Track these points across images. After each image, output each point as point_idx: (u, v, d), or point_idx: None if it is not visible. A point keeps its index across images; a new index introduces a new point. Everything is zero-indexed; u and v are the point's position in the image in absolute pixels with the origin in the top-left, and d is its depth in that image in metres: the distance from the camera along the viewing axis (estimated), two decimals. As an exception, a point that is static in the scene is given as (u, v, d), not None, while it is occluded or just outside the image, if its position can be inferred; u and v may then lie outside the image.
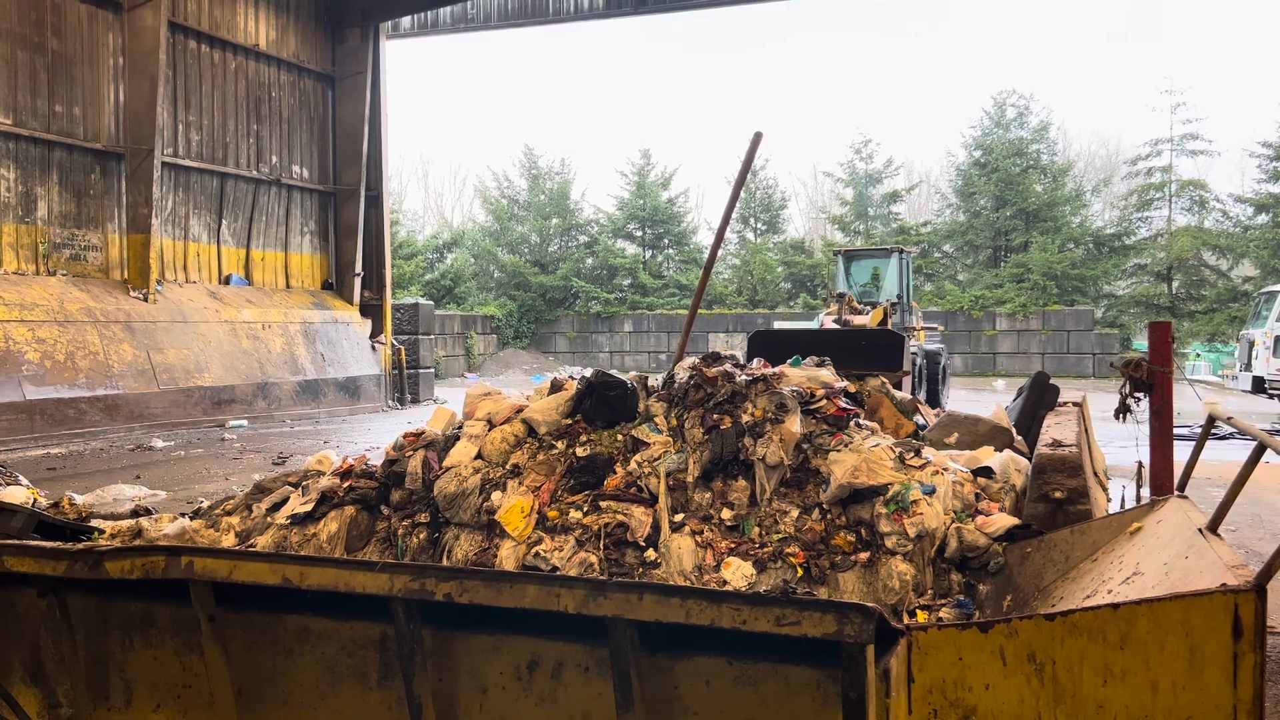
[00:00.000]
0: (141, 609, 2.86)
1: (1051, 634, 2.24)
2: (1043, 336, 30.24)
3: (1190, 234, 31.61)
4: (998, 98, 34.78)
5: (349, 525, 5.54)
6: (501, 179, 39.99)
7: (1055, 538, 3.89)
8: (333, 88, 21.46)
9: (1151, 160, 33.21)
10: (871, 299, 17.59)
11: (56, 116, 15.77)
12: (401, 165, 57.34)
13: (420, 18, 23.18)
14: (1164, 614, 2.18)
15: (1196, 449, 3.33)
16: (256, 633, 2.75)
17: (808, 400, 5.39)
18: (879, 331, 12.33)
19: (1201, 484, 5.55)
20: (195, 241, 18.50)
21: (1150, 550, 3.10)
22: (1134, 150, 35.17)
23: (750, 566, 4.65)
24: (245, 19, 19.24)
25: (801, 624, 2.04)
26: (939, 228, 35.59)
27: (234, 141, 19.16)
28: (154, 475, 10.67)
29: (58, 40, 15.72)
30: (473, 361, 33.07)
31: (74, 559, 2.74)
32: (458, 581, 2.36)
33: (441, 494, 5.34)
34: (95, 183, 16.52)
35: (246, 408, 17.29)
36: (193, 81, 18.18)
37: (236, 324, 18.04)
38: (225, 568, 2.58)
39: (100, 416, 14.76)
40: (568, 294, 36.18)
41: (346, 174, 21.52)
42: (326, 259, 21.64)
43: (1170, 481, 4.25)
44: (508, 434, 5.60)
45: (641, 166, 37.80)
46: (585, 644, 2.41)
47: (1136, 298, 32.28)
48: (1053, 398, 6.62)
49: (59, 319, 14.82)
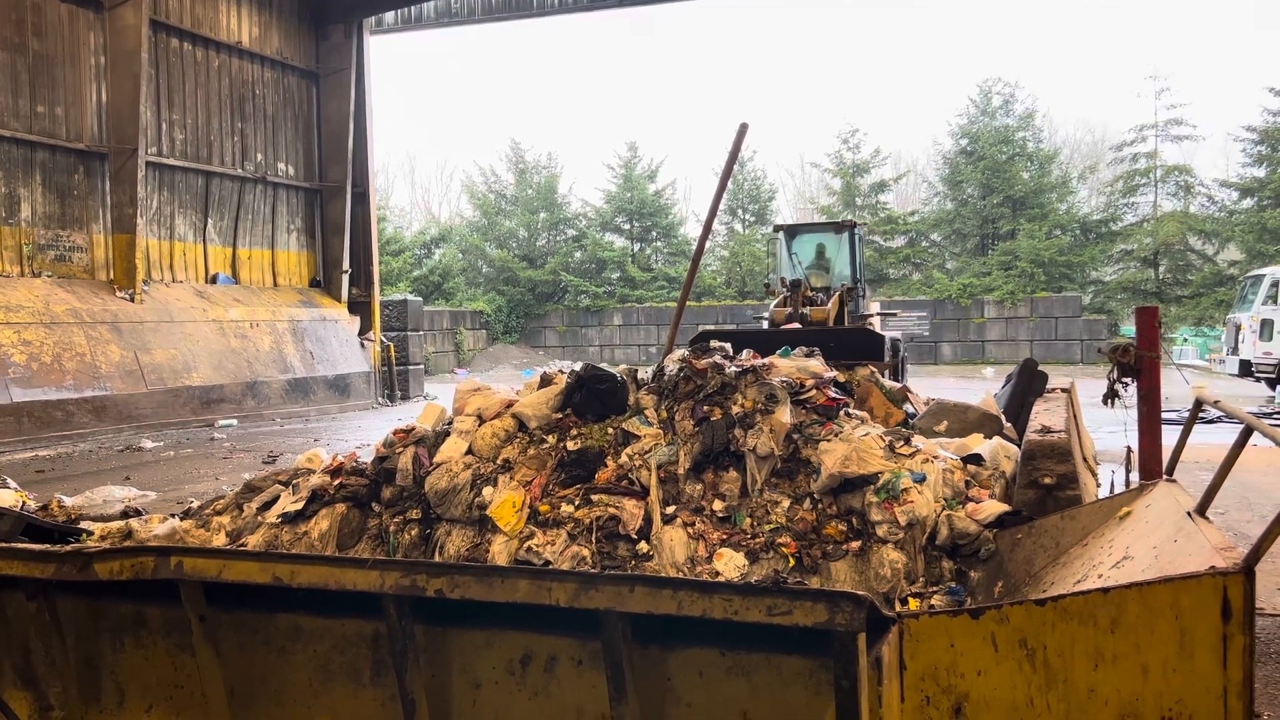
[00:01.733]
0: (132, 610, 2.85)
1: (1043, 619, 2.25)
2: (1031, 323, 30.34)
3: (1176, 219, 31.75)
4: (983, 86, 34.87)
5: (340, 523, 5.53)
6: (488, 174, 39.92)
7: (1045, 523, 3.91)
8: (317, 84, 21.36)
9: (1137, 146, 33.34)
10: (823, 282, 15.79)
11: (39, 117, 15.66)
12: (388, 161, 57.21)
13: (404, 13, 23.08)
14: (1154, 597, 2.19)
15: (1184, 433, 3.34)
16: (248, 632, 2.74)
17: (797, 391, 5.40)
18: (857, 331, 11.82)
19: (1190, 468, 5.58)
20: (181, 241, 18.41)
21: (1140, 534, 3.12)
22: (1119, 136, 35.31)
23: (742, 557, 4.66)
24: (228, 16, 19.13)
25: (793, 614, 2.04)
26: (926, 216, 35.67)
27: (218, 140, 19.06)
28: (143, 476, 10.63)
29: (38, 40, 15.60)
30: (462, 357, 33.02)
31: (62, 561, 2.72)
32: (449, 577, 2.36)
33: (433, 490, 5.34)
34: (79, 183, 16.42)
35: (236, 407, 17.24)
36: (176, 80, 18.07)
37: (224, 323, 17.96)
38: (215, 567, 2.57)
39: (89, 418, 14.69)
40: (556, 288, 36.14)
41: (332, 171, 21.43)
42: (314, 256, 21.56)
43: (1159, 466, 4.27)
44: (498, 429, 5.60)
45: (628, 159, 37.77)
46: (578, 637, 2.41)
47: (1123, 283, 32.42)
48: (1041, 384, 6.65)
49: (45, 321, 14.74)
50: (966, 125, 34.69)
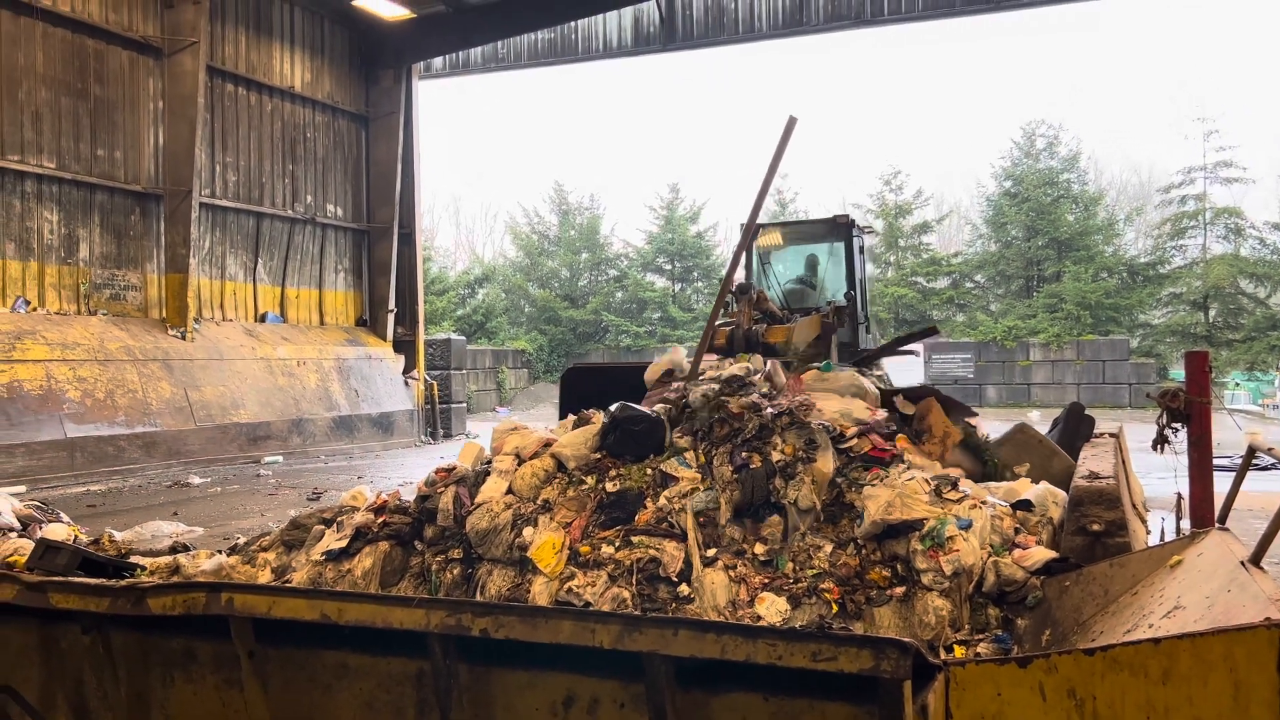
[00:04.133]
0: (182, 645, 2.89)
1: (1092, 669, 2.22)
2: (1077, 367, 29.93)
3: (1226, 262, 31.25)
4: (1026, 128, 34.70)
5: (383, 561, 5.56)
6: (532, 215, 40.34)
7: (1094, 571, 3.85)
8: (366, 127, 21.81)
9: (1185, 188, 32.91)
10: (810, 302, 11.40)
11: (98, 160, 16.13)
12: (434, 202, 57.95)
13: (452, 58, 23.53)
14: (1207, 649, 2.15)
15: (1237, 480, 3.29)
16: (295, 668, 2.77)
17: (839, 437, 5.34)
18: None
19: (1243, 515, 5.46)
20: (232, 280, 18.79)
21: (1191, 584, 3.06)
22: (1167, 178, 34.90)
23: (784, 602, 4.62)
24: (281, 62, 19.64)
25: (838, 659, 2.03)
26: (970, 258, 35.44)
27: (270, 181, 19.49)
28: (191, 511, 10.78)
29: (100, 86, 16.11)
30: (504, 396, 33.20)
31: (117, 595, 2.78)
32: (493, 617, 2.38)
33: (474, 530, 5.36)
34: (135, 224, 16.85)
35: (281, 443, 17.46)
36: (230, 123, 18.55)
37: (272, 361, 18.25)
38: (265, 604, 2.62)
39: (139, 453, 14.95)
40: (598, 328, 36.31)
41: (380, 212, 21.81)
42: (360, 296, 21.89)
43: (1211, 513, 4.19)
44: (538, 469, 5.61)
45: (670, 200, 38.00)
46: (621, 680, 2.41)
47: (1172, 327, 31.90)
48: (1089, 429, 6.55)
49: (99, 358, 15.07)
50: (1010, 167, 34.53)
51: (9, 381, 13.69)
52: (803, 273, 12.18)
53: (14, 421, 13.50)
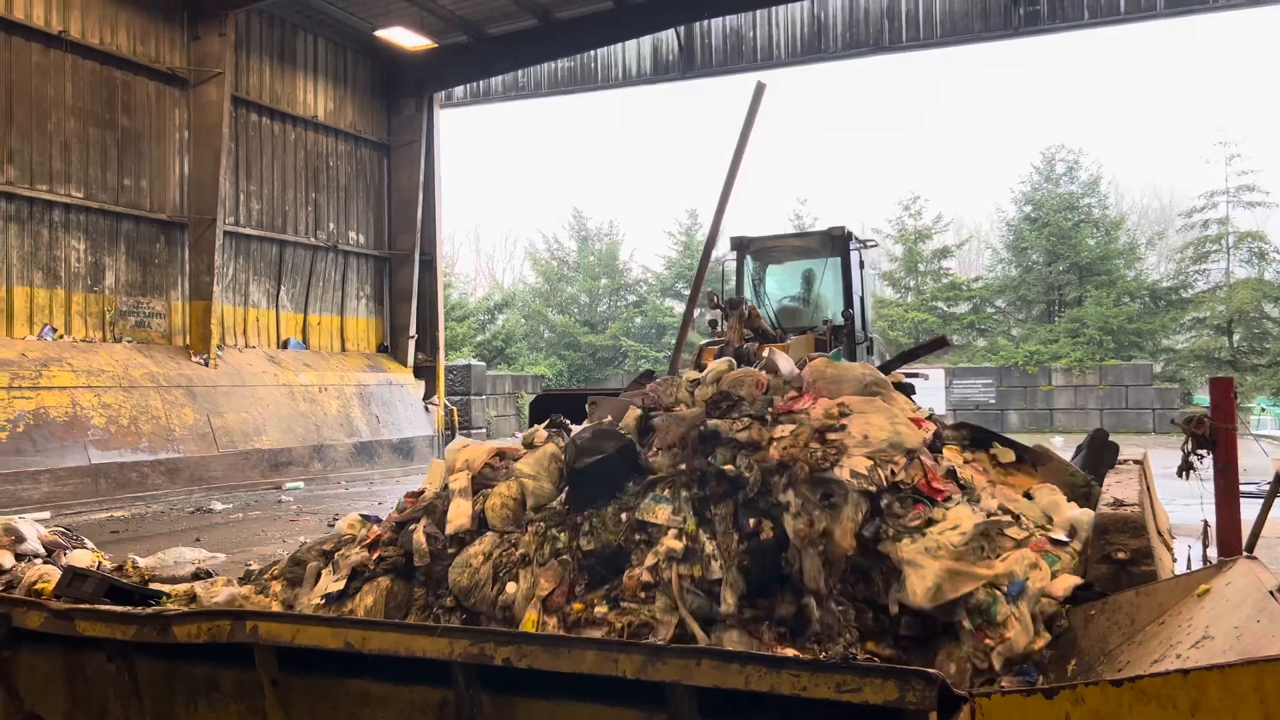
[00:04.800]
0: (206, 673, 2.91)
1: (1119, 700, 2.19)
2: (1100, 392, 29.70)
3: (1250, 286, 31.02)
4: (1046, 152, 34.68)
5: (386, 597, 5.31)
6: (551, 241, 40.60)
7: (1120, 600, 3.80)
8: (388, 156, 22.03)
9: (1207, 212, 32.75)
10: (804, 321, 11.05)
11: (125, 189, 16.36)
12: (454, 229, 58.34)
13: (473, 87, 23.77)
14: (1236, 680, 2.13)
15: (1265, 507, 3.26)
16: (318, 696, 2.78)
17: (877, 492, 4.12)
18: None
19: (1271, 543, 5.39)
20: (255, 307, 18.96)
21: (1219, 613, 3.03)
22: (1189, 203, 34.75)
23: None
24: (305, 92, 19.89)
25: (863, 690, 2.02)
26: (991, 283, 35.35)
27: (293, 209, 19.70)
28: (213, 538, 10.82)
29: (127, 117, 16.36)
30: (523, 421, 33.25)
31: (143, 623, 2.80)
32: (516, 646, 2.38)
33: (456, 586, 4.95)
34: (160, 251, 17.05)
35: (303, 469, 17.53)
36: (254, 152, 18.78)
37: (294, 387, 18.37)
38: (289, 632, 2.63)
39: (162, 479, 15.06)
40: (617, 353, 36.39)
41: (401, 239, 21.99)
42: (381, 322, 22.03)
43: (1238, 541, 4.14)
44: (506, 498, 5.03)
45: (689, 226, 38.14)
46: (643, 710, 2.40)
47: (1196, 351, 31.64)
48: (1112, 455, 6.47)
49: (124, 384, 15.21)
50: (1030, 192, 34.48)
51: (35, 408, 13.84)
52: (798, 289, 11.64)
53: (40, 448, 13.63)
